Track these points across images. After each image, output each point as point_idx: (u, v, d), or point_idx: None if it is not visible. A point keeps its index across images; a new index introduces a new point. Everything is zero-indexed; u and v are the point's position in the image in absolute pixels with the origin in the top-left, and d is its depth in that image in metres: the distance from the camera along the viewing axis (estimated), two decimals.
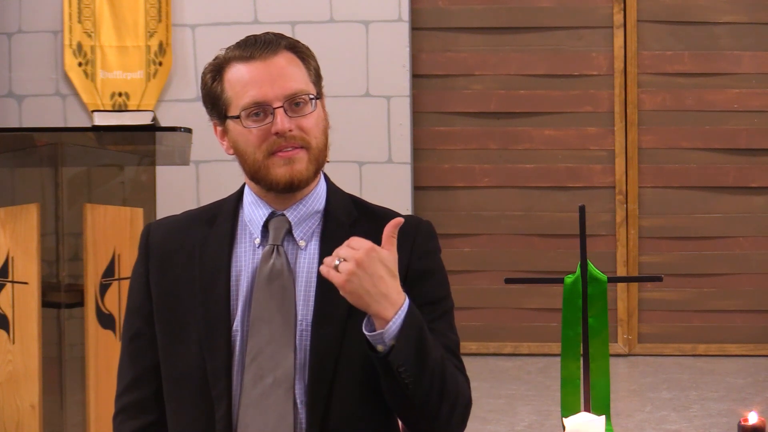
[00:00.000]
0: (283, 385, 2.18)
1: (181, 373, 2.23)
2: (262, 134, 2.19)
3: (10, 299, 4.46)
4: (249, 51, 2.21)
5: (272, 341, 2.19)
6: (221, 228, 2.28)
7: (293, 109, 2.20)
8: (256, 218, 2.27)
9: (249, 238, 2.27)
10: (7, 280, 4.45)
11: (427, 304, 2.29)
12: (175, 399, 2.25)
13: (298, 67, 2.23)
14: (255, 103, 2.19)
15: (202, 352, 2.21)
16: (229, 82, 2.22)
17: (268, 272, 2.22)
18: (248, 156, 2.22)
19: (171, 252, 2.29)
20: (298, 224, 2.26)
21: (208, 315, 2.21)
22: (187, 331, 2.23)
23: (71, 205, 4.67)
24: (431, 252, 2.31)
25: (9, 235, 4.45)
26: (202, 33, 6.95)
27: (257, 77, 2.19)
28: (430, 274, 2.30)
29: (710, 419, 5.60)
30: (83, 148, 4.79)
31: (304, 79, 2.23)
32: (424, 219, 2.35)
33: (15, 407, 4.45)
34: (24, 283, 4.45)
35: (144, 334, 2.29)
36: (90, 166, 4.96)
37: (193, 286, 2.24)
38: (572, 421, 3.66)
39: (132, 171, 5.04)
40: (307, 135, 2.21)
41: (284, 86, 2.19)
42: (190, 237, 2.29)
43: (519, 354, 6.96)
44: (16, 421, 4.46)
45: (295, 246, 2.25)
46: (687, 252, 6.93)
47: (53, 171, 4.69)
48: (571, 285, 4.21)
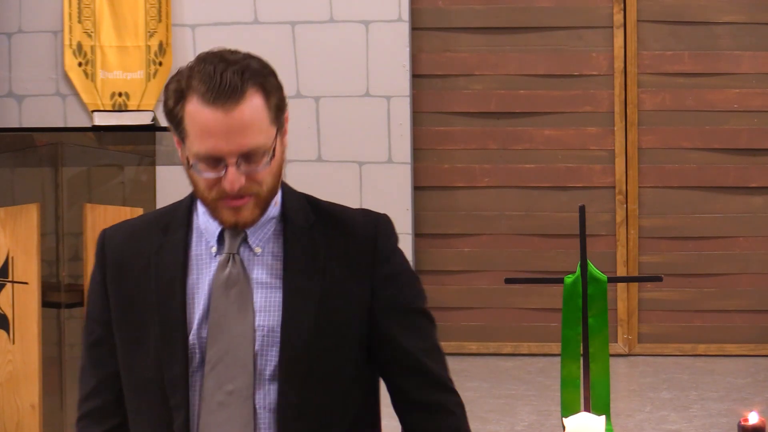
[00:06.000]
0: (244, 393, 2.18)
1: (139, 381, 2.23)
2: (211, 183, 2.17)
3: (10, 299, 4.46)
4: (212, 94, 2.12)
5: (231, 350, 2.18)
6: (176, 236, 2.26)
7: (247, 162, 2.15)
8: (212, 227, 2.25)
9: (205, 246, 2.25)
10: (7, 280, 4.45)
11: (398, 308, 2.26)
12: (135, 407, 2.25)
13: (259, 113, 2.15)
14: (209, 155, 2.15)
15: (160, 361, 2.20)
16: (189, 116, 2.15)
17: (224, 280, 2.21)
18: (197, 190, 2.21)
19: (127, 259, 2.27)
20: (253, 232, 2.24)
21: (165, 324, 2.21)
22: (145, 339, 2.22)
23: (71, 205, 4.67)
24: (395, 251, 2.29)
25: (9, 235, 4.45)
26: (202, 33, 6.95)
27: (215, 129, 2.12)
28: (395, 277, 2.27)
29: (710, 419, 5.60)
30: (83, 148, 4.79)
31: (264, 129, 2.16)
32: (380, 213, 2.32)
33: (15, 407, 4.45)
34: (24, 283, 4.45)
35: (105, 342, 2.28)
36: (90, 166, 4.96)
37: (150, 294, 2.23)
38: (572, 421, 3.66)
39: (132, 171, 5.04)
40: (257, 185, 2.17)
41: (241, 143, 2.13)
42: (146, 244, 2.27)
43: (519, 354, 6.96)
44: (16, 421, 4.46)
45: (250, 253, 2.23)
46: (687, 252, 6.93)
47: (53, 171, 4.69)
48: (571, 285, 4.22)
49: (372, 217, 2.30)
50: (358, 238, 2.25)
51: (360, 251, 2.24)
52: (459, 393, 2.36)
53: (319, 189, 7.51)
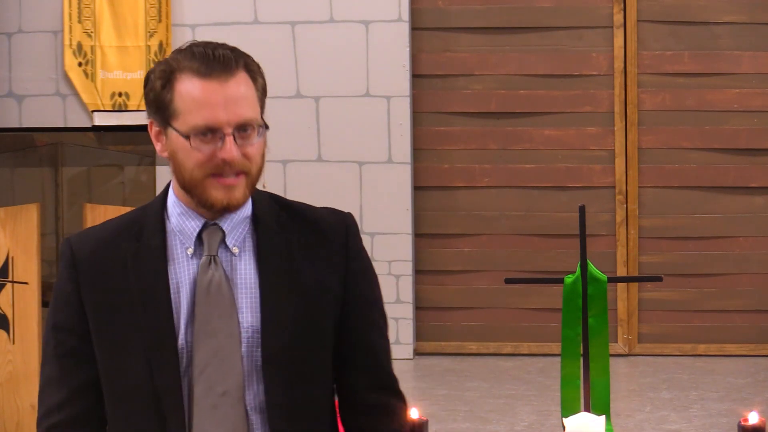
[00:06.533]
0: (234, 395, 2.19)
1: (126, 388, 2.22)
2: (206, 156, 2.18)
3: (10, 299, 4.46)
4: (206, 67, 2.16)
5: (218, 353, 2.19)
6: (151, 241, 2.25)
7: (241, 136, 2.18)
8: (189, 229, 2.25)
9: (181, 248, 2.25)
10: (7, 280, 4.45)
11: (367, 303, 2.31)
12: (122, 415, 2.24)
13: (250, 90, 2.20)
14: (206, 126, 2.16)
15: (149, 367, 2.19)
16: (180, 94, 2.17)
17: (207, 284, 2.22)
18: (186, 171, 2.20)
19: (101, 267, 2.25)
20: (230, 232, 2.25)
21: (153, 329, 2.20)
22: (131, 346, 2.21)
23: (71, 205, 4.68)
24: (361, 249, 2.34)
25: (9, 235, 4.45)
26: (202, 33, 6.94)
27: (212, 99, 2.16)
28: (365, 273, 2.32)
29: (710, 419, 5.60)
30: (83, 148, 4.80)
31: (255, 106, 2.20)
32: (346, 212, 2.36)
33: (15, 407, 4.46)
34: (24, 283, 4.45)
35: (78, 352, 2.25)
36: (90, 166, 4.97)
37: (131, 300, 2.22)
38: (572, 421, 3.66)
39: (132, 171, 5.05)
40: (249, 162, 2.20)
41: (237, 113, 2.17)
42: (120, 251, 2.25)
43: (519, 354, 6.96)
44: (16, 421, 4.46)
45: (229, 254, 2.25)
46: (687, 252, 6.93)
47: (53, 171, 4.70)
48: (571, 285, 4.22)
49: (340, 216, 2.34)
50: (329, 237, 2.29)
51: (332, 250, 2.28)
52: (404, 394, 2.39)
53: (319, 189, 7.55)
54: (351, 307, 2.28)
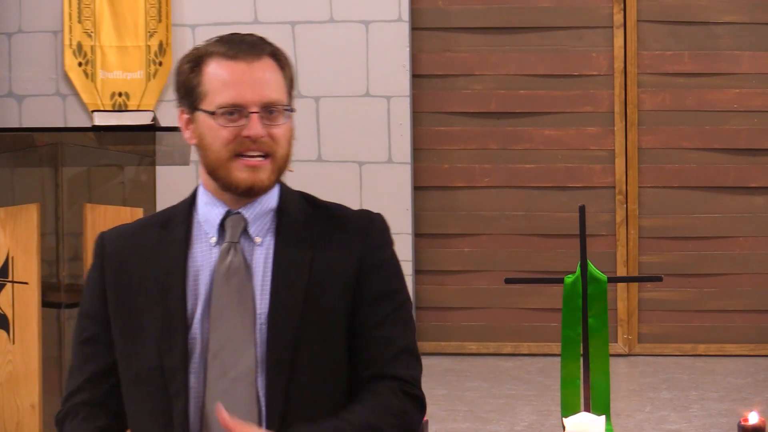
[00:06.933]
0: (246, 379, 2.22)
1: (138, 371, 2.26)
2: (232, 134, 2.22)
3: (10, 299, 4.46)
4: (234, 49, 2.24)
5: (233, 337, 2.22)
6: (176, 230, 2.30)
7: (267, 116, 2.23)
8: (212, 217, 2.29)
9: (205, 237, 2.30)
10: (7, 280, 4.46)
11: (381, 295, 2.31)
12: (135, 396, 2.29)
13: (277, 75, 2.26)
14: (233, 103, 2.22)
15: (159, 351, 2.24)
16: (208, 75, 2.24)
17: (225, 269, 2.25)
18: (212, 151, 2.25)
19: (126, 257, 2.31)
20: (253, 221, 2.29)
21: (166, 314, 2.25)
22: (145, 331, 2.26)
23: (71, 205, 4.68)
24: (384, 245, 2.35)
25: (9, 235, 4.45)
26: (202, 33, 6.94)
27: (239, 78, 2.22)
28: (383, 266, 2.33)
29: (710, 419, 5.60)
30: (83, 148, 4.79)
31: (282, 89, 2.26)
32: (375, 212, 2.39)
33: (15, 407, 4.45)
34: (24, 283, 4.45)
35: (98, 339, 2.32)
36: (90, 166, 4.97)
37: (149, 286, 2.27)
38: (572, 421, 3.66)
39: (132, 171, 5.05)
40: (275, 144, 2.24)
41: (263, 93, 2.23)
42: (144, 240, 2.31)
43: (519, 354, 6.96)
44: (16, 421, 4.46)
45: (251, 243, 2.28)
46: (687, 252, 6.93)
47: (53, 171, 4.70)
48: (571, 285, 4.22)
49: (367, 214, 2.37)
50: (350, 231, 2.31)
51: (351, 241, 2.30)
52: (425, 397, 2.41)
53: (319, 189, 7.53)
54: (361, 300, 2.29)
